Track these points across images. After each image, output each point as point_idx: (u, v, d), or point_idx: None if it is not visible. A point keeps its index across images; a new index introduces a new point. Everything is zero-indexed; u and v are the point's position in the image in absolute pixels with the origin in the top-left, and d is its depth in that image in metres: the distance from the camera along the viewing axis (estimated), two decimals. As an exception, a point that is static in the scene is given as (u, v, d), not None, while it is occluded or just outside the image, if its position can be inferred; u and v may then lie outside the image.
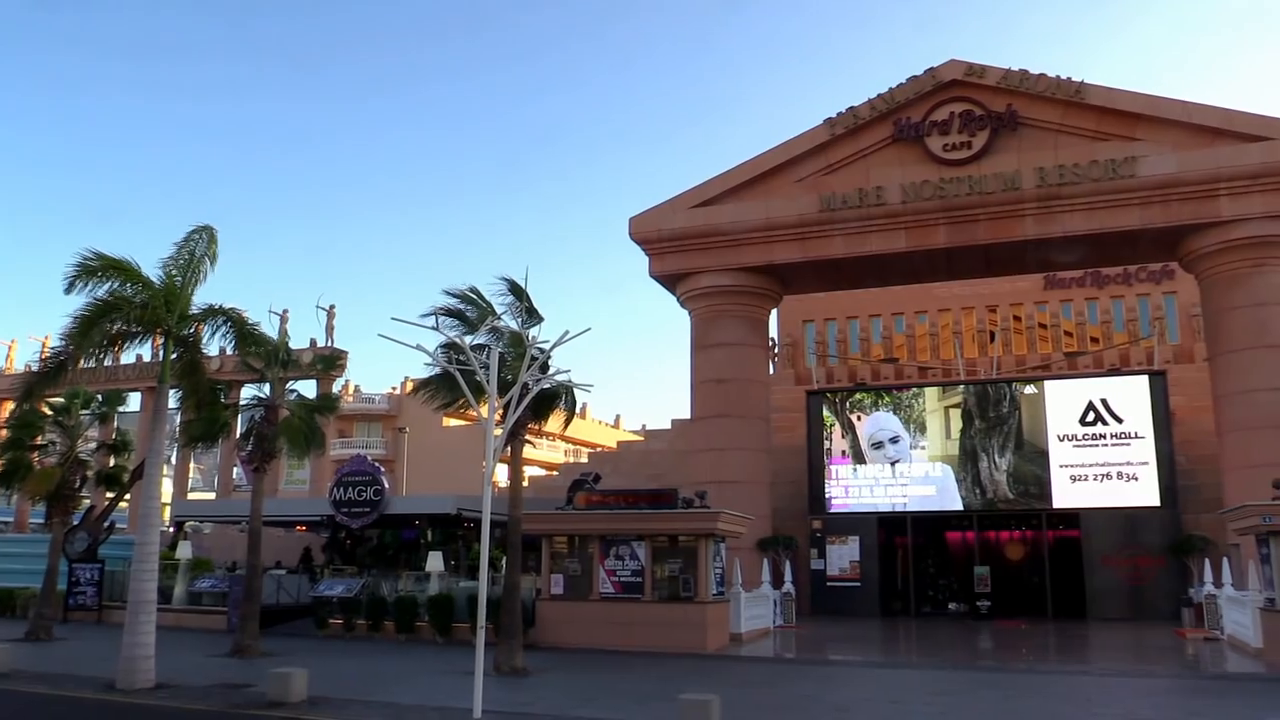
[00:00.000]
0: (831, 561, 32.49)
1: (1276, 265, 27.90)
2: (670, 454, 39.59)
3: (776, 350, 44.89)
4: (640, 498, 24.02)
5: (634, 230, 32.98)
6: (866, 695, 15.81)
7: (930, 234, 30.33)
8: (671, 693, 13.46)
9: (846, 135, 31.53)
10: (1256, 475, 24.07)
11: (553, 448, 67.97)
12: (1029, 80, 29.80)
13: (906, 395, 33.86)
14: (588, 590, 22.98)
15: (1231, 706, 14.75)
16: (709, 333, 32.79)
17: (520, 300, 19.70)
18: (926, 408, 33.19)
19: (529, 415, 19.79)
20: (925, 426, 32.96)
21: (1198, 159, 27.97)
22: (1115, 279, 42.32)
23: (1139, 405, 30.87)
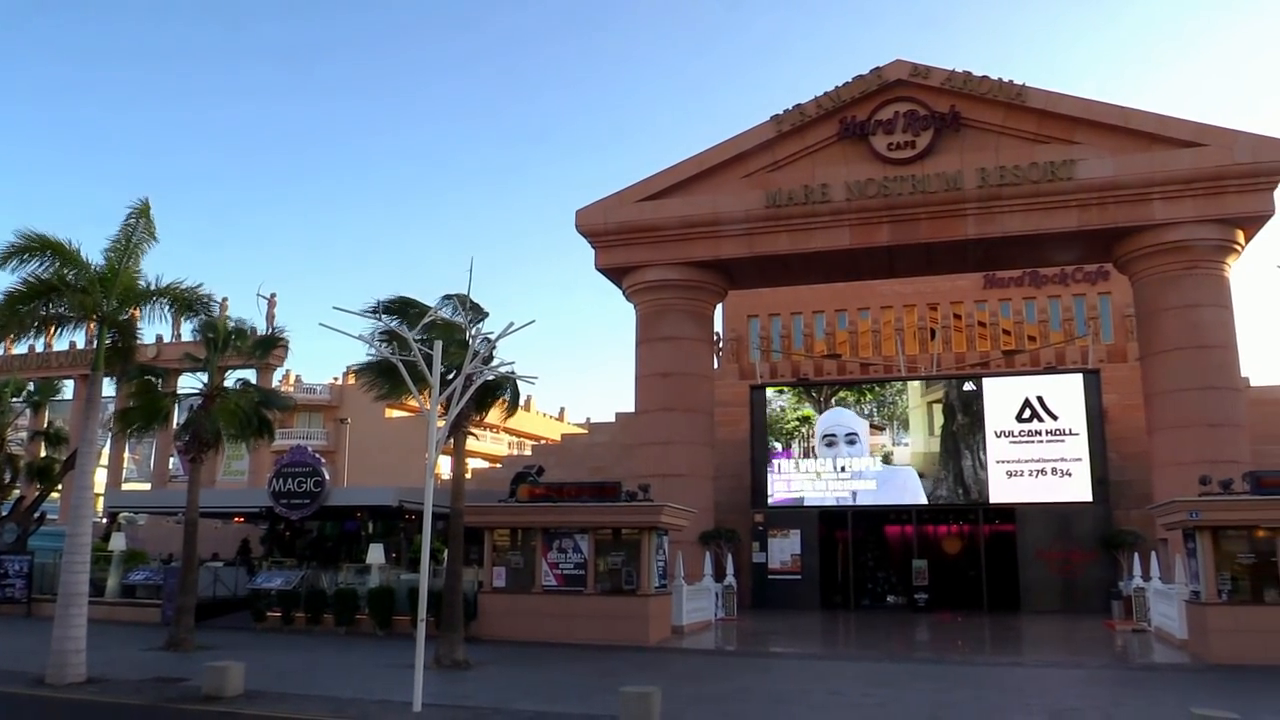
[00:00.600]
0: (773, 555, 32.79)
1: (1207, 268, 28.67)
2: (614, 447, 39.64)
3: (721, 345, 45.13)
4: (584, 490, 24.03)
5: (581, 223, 32.93)
6: (805, 687, 16.00)
7: (874, 232, 30.69)
8: (613, 685, 13.51)
9: (793, 132, 31.77)
10: (1184, 472, 24.77)
11: (496, 440, 67.69)
12: (972, 82, 30.25)
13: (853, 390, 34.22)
14: (530, 583, 22.97)
15: (1157, 696, 15.18)
16: (654, 326, 32.87)
17: (464, 305, 19.59)
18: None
19: (472, 407, 19.73)
20: (873, 420, 33.33)
21: (1133, 163, 28.62)
22: (1052, 279, 43.17)
23: (1073, 403, 31.54)
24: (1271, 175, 27.80)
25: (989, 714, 13.53)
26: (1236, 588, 19.32)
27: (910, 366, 39.98)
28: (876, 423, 33.22)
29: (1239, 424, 28.04)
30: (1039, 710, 13.74)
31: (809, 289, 42.03)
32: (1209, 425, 27.49)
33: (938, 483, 32.31)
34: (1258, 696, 14.52)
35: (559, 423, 78.15)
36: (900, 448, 32.85)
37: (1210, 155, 28.06)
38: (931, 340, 43.11)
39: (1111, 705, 14.40)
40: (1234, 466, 24.06)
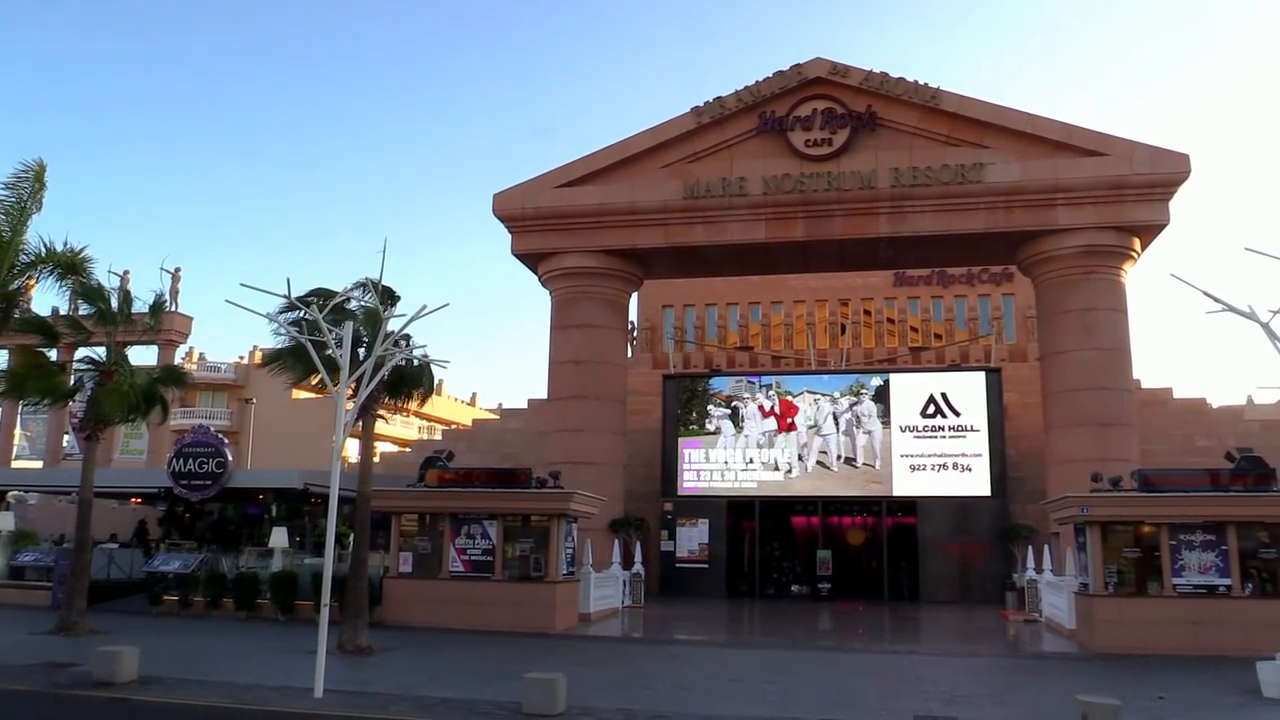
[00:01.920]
0: (681, 543, 33.10)
1: (1105, 273, 29.73)
2: (526, 434, 39.50)
3: (635, 334, 45.28)
4: (493, 477, 23.92)
5: (497, 207, 32.67)
6: (709, 674, 16.20)
7: (789, 226, 31.08)
8: (518, 671, 13.50)
9: (713, 125, 31.96)
10: (1077, 469, 25.69)
11: (406, 424, 66.82)
12: (889, 83, 30.81)
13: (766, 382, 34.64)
14: (437, 569, 22.80)
15: (1046, 683, 15.77)
16: (569, 314, 32.81)
17: (375, 290, 19.31)
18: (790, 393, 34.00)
19: (382, 390, 19.48)
20: (784, 412, 33.78)
21: (1039, 169, 29.51)
22: (959, 279, 44.29)
23: (975, 400, 32.47)
24: (1168, 186, 28.94)
25: (887, 699, 13.87)
26: (1122, 580, 20.18)
27: (820, 360, 40.65)
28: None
29: (1130, 424, 29.19)
30: (934, 696, 14.15)
31: (724, 281, 42.46)
32: (1102, 424, 28.56)
33: (844, 475, 32.93)
34: (1139, 684, 15.17)
35: (471, 408, 77.52)
36: (815, 438, 33.39)
37: (1111, 164, 29.09)
38: (842, 335, 43.90)
39: (1003, 692, 14.89)
40: (1124, 465, 25.03)
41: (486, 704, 12.85)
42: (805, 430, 33.44)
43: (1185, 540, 19.84)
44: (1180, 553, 19.83)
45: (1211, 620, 19.26)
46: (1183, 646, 18.89)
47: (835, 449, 33.12)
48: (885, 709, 13.13)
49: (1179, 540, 19.85)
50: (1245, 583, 19.61)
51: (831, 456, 33.07)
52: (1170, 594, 19.68)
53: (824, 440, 33.26)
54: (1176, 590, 19.69)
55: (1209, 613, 19.38)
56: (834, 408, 33.33)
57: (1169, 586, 19.72)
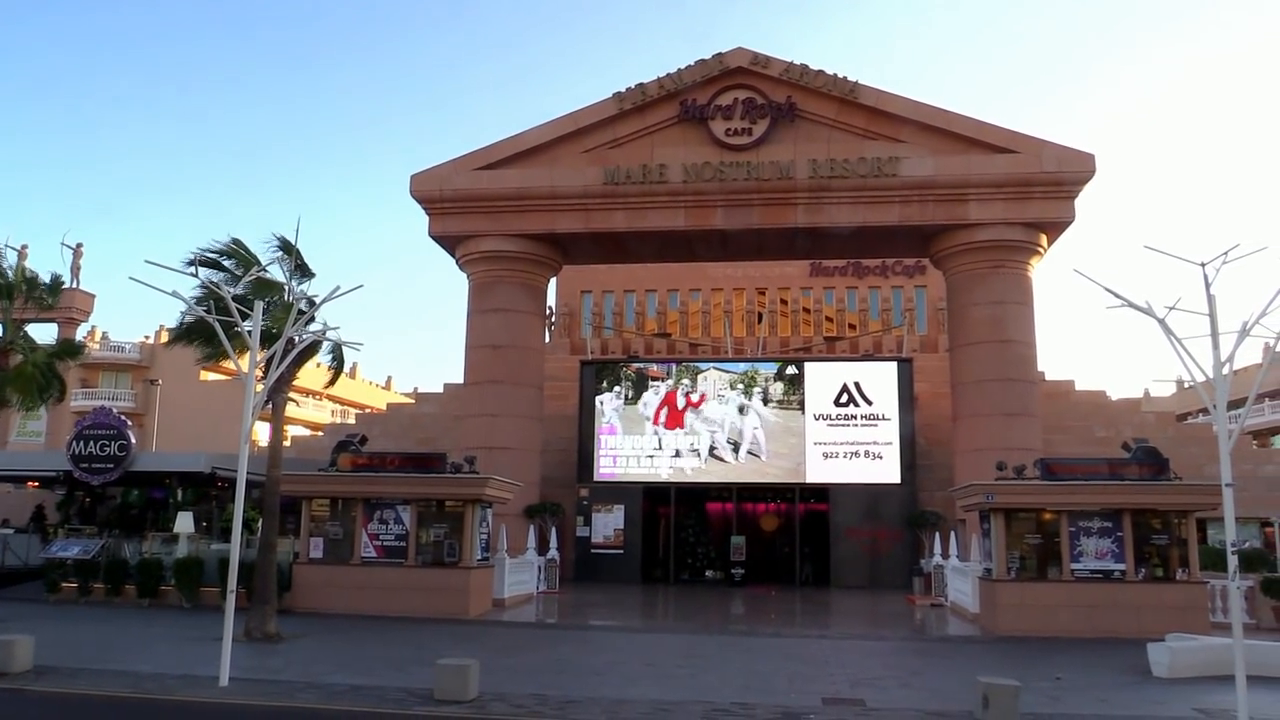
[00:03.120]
0: (596, 529, 33.16)
1: (1013, 267, 30.55)
2: (442, 418, 39.09)
3: (553, 319, 45.10)
4: (407, 461, 23.65)
5: (415, 188, 32.18)
6: (622, 658, 16.28)
7: (708, 214, 31.25)
8: (430, 658, 13.41)
9: (634, 111, 31.92)
10: (983, 457, 26.40)
11: (318, 407, 65.65)
12: (809, 75, 31.13)
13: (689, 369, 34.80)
14: (349, 554, 22.50)
15: (949, 665, 16.21)
16: (486, 297, 32.53)
17: (290, 255, 18.87)
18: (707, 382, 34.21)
19: (293, 371, 19.09)
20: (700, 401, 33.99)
21: (952, 165, 30.15)
22: (874, 270, 45.05)
23: (887, 389, 33.11)
24: (1074, 185, 29.85)
25: (796, 682, 14.11)
26: (1024, 566, 20.85)
27: (737, 348, 41.01)
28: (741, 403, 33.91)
29: (1034, 414, 30.09)
30: (842, 679, 14.44)
31: (643, 268, 42.52)
32: (1007, 414, 29.38)
33: (759, 461, 33.33)
34: (1037, 665, 15.70)
35: (386, 391, 76.45)
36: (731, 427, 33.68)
37: (1020, 162, 29.87)
38: (758, 324, 44.33)
39: (908, 675, 15.26)
40: (1027, 454, 25.81)
41: (397, 691, 12.73)
42: (705, 424, 33.60)
43: (1084, 527, 20.57)
44: (1079, 539, 20.55)
45: (1107, 604, 20.03)
46: (1080, 629, 19.61)
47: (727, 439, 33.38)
48: (794, 692, 13.35)
49: (1078, 527, 20.58)
50: (1139, 568, 20.43)
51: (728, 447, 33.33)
52: (1069, 579, 20.41)
53: (724, 431, 33.49)
54: (1075, 575, 20.42)
55: (1104, 597, 20.15)
56: (740, 398, 33.59)
57: (1067, 571, 20.44)
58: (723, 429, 33.59)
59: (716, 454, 33.41)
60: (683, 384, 34.09)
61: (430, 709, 11.76)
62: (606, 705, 12.13)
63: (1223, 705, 12.38)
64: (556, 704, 12.13)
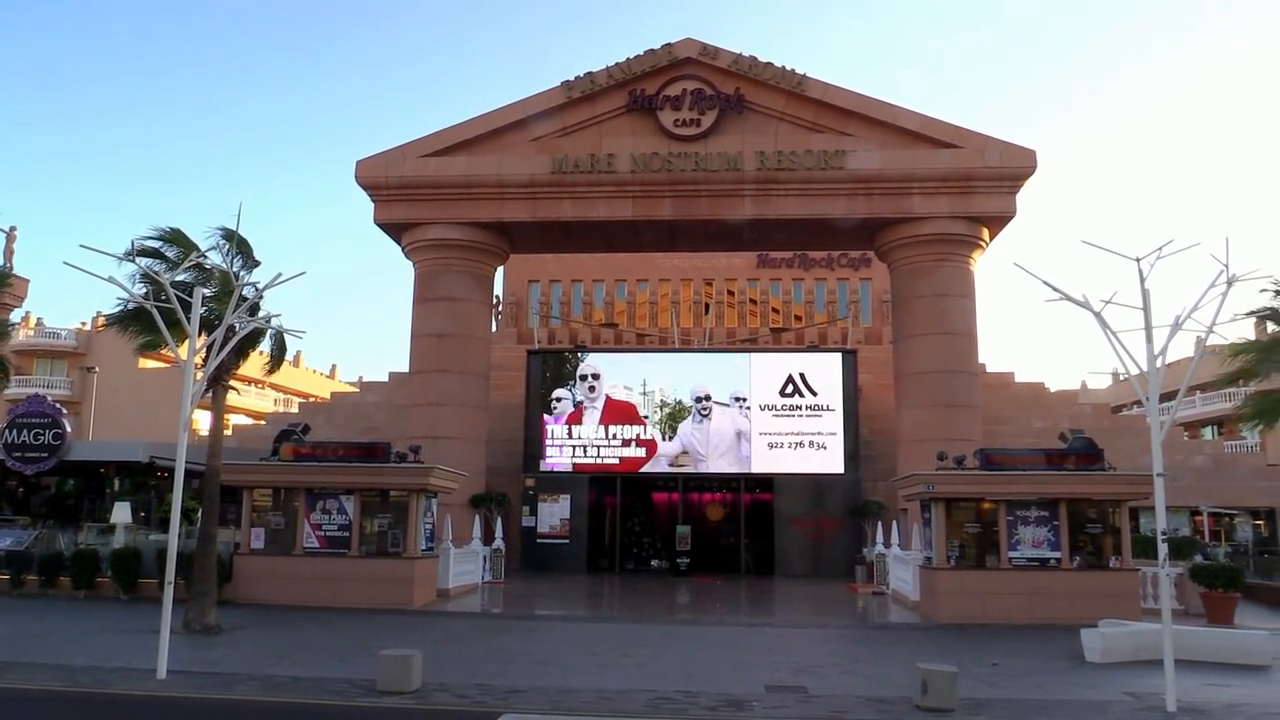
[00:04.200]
0: (542, 519, 33.12)
1: (956, 261, 30.98)
2: (386, 407, 38.74)
3: (500, 308, 44.87)
4: (351, 451, 23.40)
5: (361, 175, 31.80)
6: (567, 648, 16.31)
7: (656, 205, 31.27)
8: (373, 648, 13.31)
9: (583, 100, 31.81)
10: (925, 448, 26.79)
11: (261, 396, 64.62)
12: (757, 67, 31.26)
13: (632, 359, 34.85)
14: (291, 545, 22.26)
15: (890, 652, 16.46)
16: (432, 286, 32.26)
17: (232, 242, 18.55)
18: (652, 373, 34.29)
19: (234, 359, 18.80)
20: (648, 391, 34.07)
21: (898, 159, 30.48)
22: (820, 262, 45.38)
23: (832, 380, 33.45)
24: (1015, 180, 30.33)
25: (739, 671, 14.24)
26: (963, 554, 21.22)
27: (684, 339, 41.13)
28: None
29: (975, 405, 30.60)
30: (784, 667, 14.61)
31: (590, 258, 42.45)
32: (949, 405, 29.83)
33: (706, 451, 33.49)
34: (976, 651, 16.01)
35: (330, 380, 75.48)
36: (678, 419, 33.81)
37: (964, 157, 30.29)
38: (706, 315, 44.49)
39: (850, 662, 15.48)
40: (968, 444, 26.20)
41: (339, 682, 12.63)
42: (657, 410, 33.73)
43: (1021, 516, 21.01)
44: (1016, 528, 20.98)
45: (1043, 591, 20.47)
46: (1017, 616, 20.03)
47: (687, 429, 33.56)
48: (738, 680, 13.47)
49: (1016, 516, 21.01)
50: (1074, 556, 20.91)
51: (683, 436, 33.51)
52: (1006, 566, 20.83)
53: (674, 422, 33.64)
54: (1012, 563, 20.84)
55: (1041, 584, 20.60)
56: (686, 388, 33.75)
57: (1005, 560, 20.86)
58: (673, 420, 33.68)
59: (664, 444, 33.49)
60: (632, 374, 34.10)
61: (373, 700, 11.69)
62: (551, 695, 12.15)
63: (1151, 689, 12.72)
64: (500, 694, 12.11)
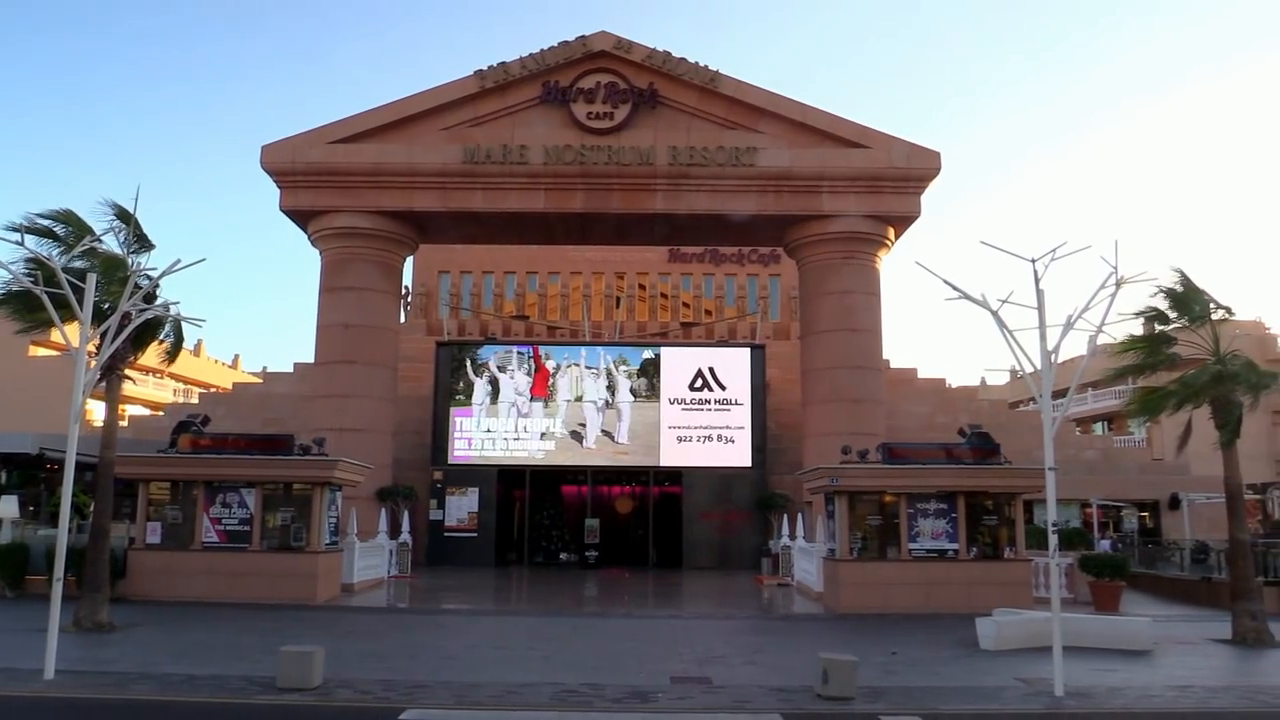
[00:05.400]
0: (450, 512, 32.83)
1: (863, 259, 31.62)
2: (291, 398, 37.91)
3: (409, 299, 44.28)
4: (253, 443, 22.87)
5: (266, 160, 31.03)
6: (474, 642, 16.22)
7: (568, 198, 31.22)
8: (274, 645, 13.04)
9: (496, 90, 31.58)
10: (830, 442, 27.33)
11: (160, 385, 62.67)
12: (671, 62, 31.41)
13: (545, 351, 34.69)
14: (189, 539, 21.68)
15: (793, 642, 16.75)
16: (340, 275, 31.69)
17: (128, 225, 17.94)
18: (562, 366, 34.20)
19: (129, 348, 18.21)
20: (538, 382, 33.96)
21: (807, 157, 30.97)
22: (730, 258, 45.84)
23: (740, 375, 33.84)
24: (921, 180, 31.10)
25: (645, 662, 14.34)
26: (866, 546, 21.69)
27: (595, 332, 41.16)
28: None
29: (879, 400, 31.30)
30: (690, 658, 14.75)
31: (502, 249, 42.19)
32: (854, 400, 30.45)
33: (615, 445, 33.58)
34: (876, 641, 16.39)
35: (233, 370, 73.50)
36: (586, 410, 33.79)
37: (872, 157, 30.92)
38: (617, 308, 44.57)
39: (754, 652, 15.71)
40: (871, 439, 26.83)
41: (238, 679, 12.35)
42: (566, 403, 33.71)
43: (921, 509, 21.56)
44: (916, 520, 21.53)
45: (941, 581, 21.06)
46: (917, 606, 20.57)
47: (595, 423, 33.62)
48: (644, 671, 13.56)
49: (916, 509, 21.55)
50: (970, 547, 21.55)
51: (590, 430, 33.54)
52: (907, 558, 21.36)
53: (584, 413, 33.68)
54: (912, 554, 21.39)
55: (939, 574, 21.18)
56: (595, 382, 33.81)
57: (906, 551, 21.39)
58: (581, 412, 33.69)
59: (574, 436, 33.49)
60: (544, 365, 33.99)
61: (272, 697, 11.46)
62: (456, 689, 12.07)
63: (1041, 674, 13.19)
64: (404, 689, 11.99)
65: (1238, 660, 15.89)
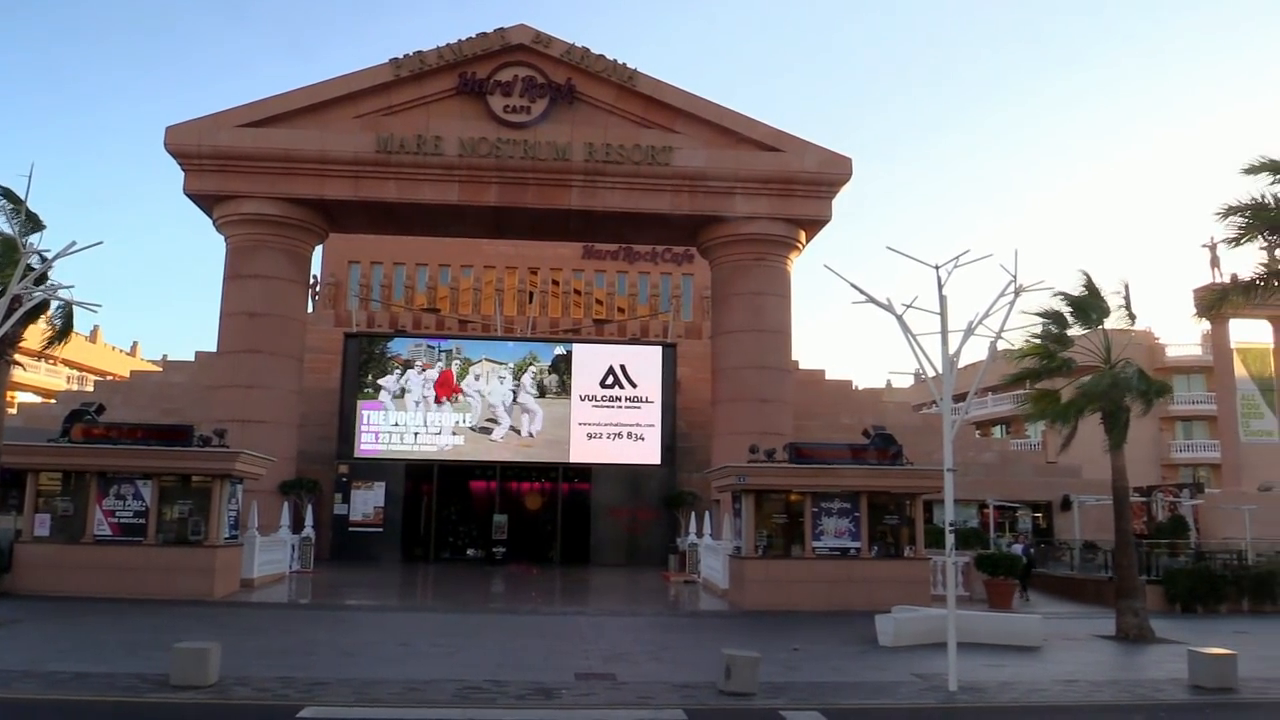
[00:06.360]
0: (355, 507, 32.34)
1: (774, 260, 32.05)
2: (192, 388, 36.87)
3: (317, 288, 43.45)
4: (150, 433, 22.23)
5: (171, 141, 30.07)
6: (376, 639, 16.02)
7: (483, 191, 30.98)
8: (168, 641, 12.68)
9: (411, 79, 31.14)
10: (738, 440, 27.62)
11: (53, 373, 60.27)
12: (589, 59, 31.38)
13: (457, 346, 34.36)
14: (80, 532, 20.96)
15: (698, 638, 16.94)
16: (246, 262, 30.91)
17: (18, 206, 17.26)
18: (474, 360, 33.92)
19: (19, 331, 17.54)
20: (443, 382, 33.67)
21: (722, 158, 31.25)
22: (644, 256, 46.05)
23: (651, 373, 34.03)
24: (833, 185, 31.65)
25: (551, 659, 14.35)
26: (771, 544, 22.02)
27: (507, 327, 40.94)
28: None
29: (787, 400, 31.77)
30: (595, 655, 14.81)
31: (414, 240, 41.60)
32: (762, 400, 30.86)
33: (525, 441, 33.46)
34: (779, 637, 16.66)
35: (131, 358, 71.13)
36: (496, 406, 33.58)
37: (785, 161, 31.35)
38: (530, 303, 44.41)
39: (659, 649, 15.84)
40: (779, 438, 27.20)
41: (129, 677, 11.99)
42: (476, 397, 33.46)
43: (826, 508, 21.97)
44: (821, 519, 21.94)
45: (844, 579, 21.50)
46: (820, 603, 20.95)
47: (505, 418, 33.44)
48: (549, 668, 13.57)
49: (820, 508, 21.95)
50: (872, 545, 22.04)
51: (500, 426, 33.37)
52: (810, 556, 21.75)
53: (494, 408, 33.49)
54: (816, 553, 21.78)
55: (842, 572, 21.62)
56: (506, 377, 33.65)
57: (810, 549, 21.77)
58: (491, 407, 33.48)
59: (483, 431, 33.26)
60: (455, 361, 33.69)
61: (165, 695, 11.15)
62: (357, 686, 11.91)
63: (936, 670, 13.57)
64: (303, 686, 11.79)
65: (1121, 655, 16.59)
